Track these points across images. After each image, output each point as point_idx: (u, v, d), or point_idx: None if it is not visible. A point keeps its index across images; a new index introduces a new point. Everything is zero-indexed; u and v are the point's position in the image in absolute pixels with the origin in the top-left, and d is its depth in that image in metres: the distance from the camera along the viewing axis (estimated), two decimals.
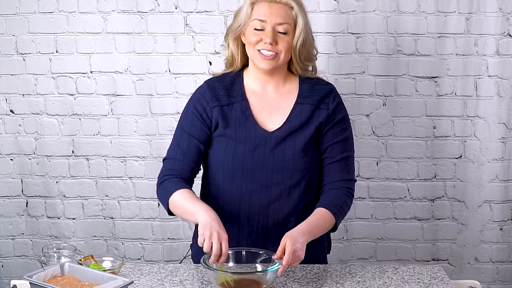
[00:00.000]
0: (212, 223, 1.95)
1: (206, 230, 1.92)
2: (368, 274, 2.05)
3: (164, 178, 2.17)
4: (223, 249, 1.91)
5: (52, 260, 2.02)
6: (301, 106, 2.17)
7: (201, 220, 1.97)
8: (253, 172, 2.13)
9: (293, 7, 2.11)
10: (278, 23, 2.09)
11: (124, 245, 3.15)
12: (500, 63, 2.95)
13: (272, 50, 2.09)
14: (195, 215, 2.01)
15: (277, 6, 2.11)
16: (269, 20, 2.09)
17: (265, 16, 2.09)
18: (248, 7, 2.12)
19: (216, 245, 1.90)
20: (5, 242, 3.17)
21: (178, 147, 2.19)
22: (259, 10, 2.11)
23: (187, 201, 2.07)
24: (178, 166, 2.17)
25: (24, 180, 3.14)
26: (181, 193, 2.10)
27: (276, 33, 2.10)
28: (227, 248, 1.91)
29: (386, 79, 3.00)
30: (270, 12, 2.09)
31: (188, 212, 2.06)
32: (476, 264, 3.11)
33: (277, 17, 2.09)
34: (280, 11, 2.10)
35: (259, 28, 2.10)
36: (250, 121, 2.16)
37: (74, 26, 3.00)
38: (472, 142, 3.03)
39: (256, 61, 2.13)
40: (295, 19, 2.12)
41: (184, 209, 2.08)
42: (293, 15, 2.11)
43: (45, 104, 3.06)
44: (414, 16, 2.94)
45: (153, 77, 3.02)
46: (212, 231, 1.92)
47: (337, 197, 2.14)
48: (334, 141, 2.17)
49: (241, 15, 2.13)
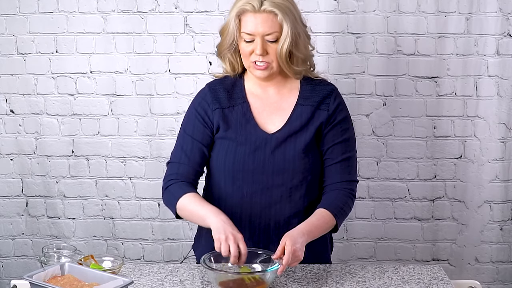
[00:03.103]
0: (225, 225, 1.95)
1: (221, 234, 1.93)
2: (368, 274, 2.05)
3: (169, 182, 2.17)
4: (242, 249, 1.91)
5: (52, 260, 2.02)
6: (302, 107, 2.17)
7: (213, 225, 1.97)
8: (254, 174, 2.13)
9: (277, 14, 2.06)
10: (266, 33, 2.07)
11: (124, 245, 3.15)
12: (500, 63, 2.95)
13: (263, 60, 2.09)
14: (206, 220, 2.01)
15: (261, 16, 2.07)
16: (257, 32, 2.07)
17: (252, 28, 2.07)
18: (235, 20, 2.08)
19: (233, 247, 1.90)
20: (5, 242, 3.17)
21: (182, 151, 2.19)
22: (245, 23, 2.08)
23: (196, 205, 2.08)
24: (183, 170, 2.17)
25: (24, 180, 3.14)
26: (188, 197, 2.10)
27: (265, 43, 2.08)
28: (245, 247, 1.92)
29: (386, 79, 3.00)
30: (256, 24, 2.07)
31: (198, 216, 2.07)
32: (476, 264, 3.11)
33: (264, 28, 2.07)
34: (265, 21, 2.07)
35: (249, 40, 2.09)
36: (250, 123, 2.16)
37: (74, 26, 3.00)
38: (472, 142, 3.03)
39: (251, 71, 2.14)
40: (282, 26, 2.08)
41: (193, 214, 2.09)
42: (279, 21, 2.07)
43: (45, 104, 3.06)
44: (414, 16, 2.94)
45: (153, 77, 3.02)
46: (227, 233, 1.92)
47: (338, 198, 2.14)
48: (334, 142, 2.17)
49: (230, 30, 2.10)
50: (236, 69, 2.21)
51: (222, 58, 2.21)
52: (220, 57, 2.22)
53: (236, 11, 2.08)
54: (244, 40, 2.10)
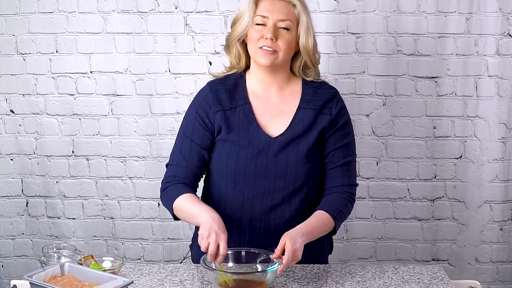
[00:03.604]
0: (212, 223, 1.95)
1: (205, 231, 1.93)
2: (368, 274, 2.05)
3: (167, 184, 2.17)
4: (221, 250, 1.91)
5: (52, 260, 2.02)
6: (304, 111, 2.16)
7: (202, 221, 1.97)
8: (255, 178, 2.13)
9: (295, 5, 2.12)
10: (280, 19, 2.10)
11: (124, 245, 3.15)
12: (500, 63, 2.95)
13: (271, 46, 2.09)
14: (198, 218, 2.01)
15: (280, 3, 2.12)
16: (271, 16, 2.10)
17: (268, 12, 2.10)
18: (252, 5, 2.12)
19: (212, 245, 1.90)
20: (5, 242, 3.17)
21: (180, 154, 2.18)
22: (262, 6, 2.12)
23: (191, 205, 2.07)
24: (181, 173, 2.16)
25: (24, 180, 3.14)
26: (184, 197, 2.10)
27: (277, 29, 2.10)
28: (225, 248, 1.91)
29: (386, 79, 3.00)
30: (273, 8, 2.11)
31: (192, 215, 2.06)
32: (476, 264, 3.11)
33: (279, 13, 2.10)
34: (282, 8, 2.12)
35: (261, 23, 2.11)
36: (253, 125, 2.15)
37: (74, 26, 3.00)
38: (472, 142, 3.03)
39: (256, 57, 2.13)
40: (298, 17, 2.12)
41: (188, 213, 2.08)
42: (296, 13, 2.12)
43: (45, 104, 3.06)
44: (414, 16, 2.94)
45: (153, 77, 3.02)
46: (211, 231, 1.92)
47: (338, 201, 2.14)
48: (336, 146, 2.17)
49: (246, 16, 2.13)
50: (241, 62, 2.21)
51: (229, 49, 2.22)
52: (227, 49, 2.22)
53: None
54: (255, 24, 2.11)
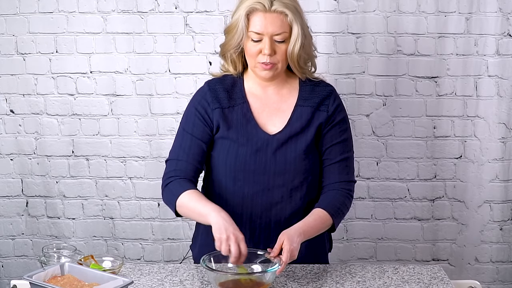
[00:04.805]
0: (226, 225, 1.94)
1: (222, 234, 1.92)
2: (368, 274, 2.05)
3: (169, 180, 2.16)
4: (242, 250, 1.91)
5: (52, 260, 2.02)
6: (302, 109, 2.17)
7: (214, 223, 1.96)
8: (255, 175, 2.13)
9: (287, 14, 2.07)
10: (275, 33, 2.07)
11: (124, 245, 3.15)
12: (500, 63, 2.95)
13: (270, 61, 2.09)
14: (207, 217, 2.00)
15: (271, 16, 2.07)
16: (266, 32, 2.07)
17: (262, 28, 2.07)
18: (244, 19, 2.08)
19: (234, 247, 1.90)
20: (5, 242, 3.17)
21: (180, 148, 2.18)
22: (254, 22, 2.07)
23: (196, 203, 2.07)
24: (181, 166, 2.16)
25: (24, 180, 3.14)
26: (188, 194, 2.09)
27: (273, 43, 2.08)
28: (245, 248, 1.92)
29: (386, 79, 3.00)
30: (266, 23, 2.06)
31: (198, 213, 2.06)
32: (476, 264, 3.11)
33: (274, 28, 2.07)
34: (275, 20, 2.07)
35: (257, 40, 2.08)
36: (251, 124, 2.15)
37: (74, 26, 3.00)
38: (472, 142, 3.03)
39: (256, 70, 2.13)
40: (291, 26, 2.09)
41: (194, 211, 2.08)
42: (289, 22, 2.08)
43: (45, 104, 3.06)
44: (414, 16, 2.94)
45: (153, 77, 3.02)
46: (228, 233, 1.92)
47: (336, 198, 2.15)
48: (333, 142, 2.17)
49: (239, 29, 2.09)
50: (238, 68, 2.21)
51: (225, 57, 2.21)
52: (223, 57, 2.21)
53: (245, 10, 2.07)
54: (251, 40, 2.09)
